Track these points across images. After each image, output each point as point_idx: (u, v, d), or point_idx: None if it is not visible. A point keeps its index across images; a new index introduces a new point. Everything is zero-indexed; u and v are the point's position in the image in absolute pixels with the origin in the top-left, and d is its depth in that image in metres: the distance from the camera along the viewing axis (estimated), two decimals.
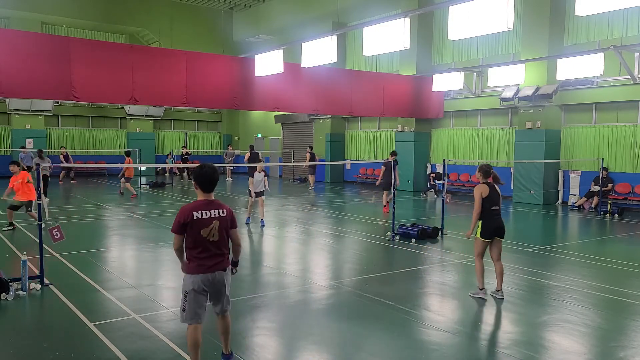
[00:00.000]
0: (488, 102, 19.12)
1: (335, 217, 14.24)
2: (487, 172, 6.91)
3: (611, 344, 5.29)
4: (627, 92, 15.33)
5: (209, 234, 4.18)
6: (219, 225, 4.22)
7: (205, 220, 4.17)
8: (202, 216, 4.17)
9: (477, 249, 6.81)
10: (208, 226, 4.17)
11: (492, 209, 6.76)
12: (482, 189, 6.79)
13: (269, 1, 26.96)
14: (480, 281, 6.74)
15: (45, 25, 26.73)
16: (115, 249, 9.95)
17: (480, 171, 6.95)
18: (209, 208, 4.23)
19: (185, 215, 4.15)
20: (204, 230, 4.16)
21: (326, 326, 5.79)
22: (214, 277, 4.24)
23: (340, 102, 18.41)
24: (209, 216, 4.19)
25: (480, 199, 6.73)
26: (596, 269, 8.53)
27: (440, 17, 20.55)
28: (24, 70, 12.62)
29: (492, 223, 6.74)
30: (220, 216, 4.24)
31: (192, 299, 4.20)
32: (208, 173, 4.25)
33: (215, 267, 4.24)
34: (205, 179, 4.25)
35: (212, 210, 4.22)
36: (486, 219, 6.74)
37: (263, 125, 31.06)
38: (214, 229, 4.19)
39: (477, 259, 6.79)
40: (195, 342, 4.26)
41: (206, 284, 4.22)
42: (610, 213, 14.47)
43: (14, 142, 25.51)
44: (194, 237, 4.16)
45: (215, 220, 4.21)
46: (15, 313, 6.08)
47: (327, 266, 8.84)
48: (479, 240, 6.76)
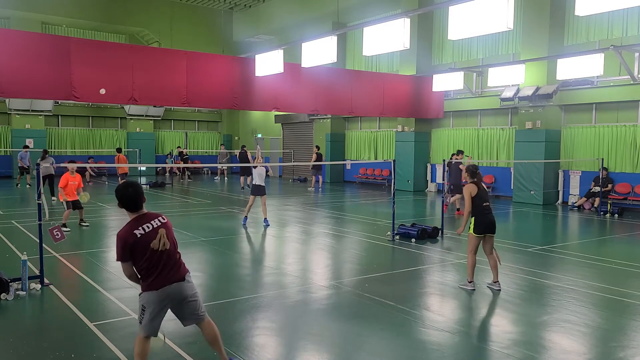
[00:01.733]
0: (488, 102, 19.12)
1: (335, 217, 14.24)
2: (473, 172, 7.23)
3: (611, 344, 5.29)
4: (627, 92, 15.34)
5: (160, 244, 4.00)
6: (166, 233, 4.06)
7: (150, 234, 3.99)
8: (146, 230, 3.98)
9: (470, 245, 7.14)
10: (156, 237, 4.00)
11: (484, 206, 7.05)
12: (471, 188, 7.09)
13: (269, 1, 26.96)
14: (471, 274, 7.11)
15: (45, 25, 26.73)
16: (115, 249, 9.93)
17: (467, 171, 7.29)
18: (147, 221, 4.03)
19: (127, 238, 3.94)
20: (154, 243, 3.98)
21: (326, 326, 5.79)
22: (172, 290, 4.07)
23: (340, 102, 18.41)
24: (152, 227, 4.01)
25: (470, 198, 7.04)
26: (596, 269, 8.53)
27: (440, 17, 20.55)
28: (24, 70, 12.62)
29: (485, 219, 7.05)
30: (162, 223, 4.08)
31: (149, 314, 4.07)
32: (130, 194, 4.03)
33: (173, 277, 4.07)
34: (129, 200, 4.04)
35: (152, 221, 4.05)
36: (478, 216, 7.04)
37: (263, 125, 31.07)
38: (162, 237, 4.02)
39: (470, 254, 7.13)
40: (144, 352, 4.15)
41: (165, 299, 4.07)
42: (610, 213, 14.47)
43: (14, 142, 25.51)
44: (144, 254, 3.96)
45: (160, 229, 4.04)
46: (15, 313, 6.08)
47: (327, 266, 8.84)
48: (473, 236, 7.08)
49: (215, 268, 8.53)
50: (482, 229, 7.01)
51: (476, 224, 7.02)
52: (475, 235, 7.03)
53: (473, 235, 7.05)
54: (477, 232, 7.02)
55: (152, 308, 4.04)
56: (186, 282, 4.14)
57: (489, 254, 7.17)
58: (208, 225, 12.18)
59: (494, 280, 7.11)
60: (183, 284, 4.11)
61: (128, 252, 3.96)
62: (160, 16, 28.07)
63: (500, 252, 9.80)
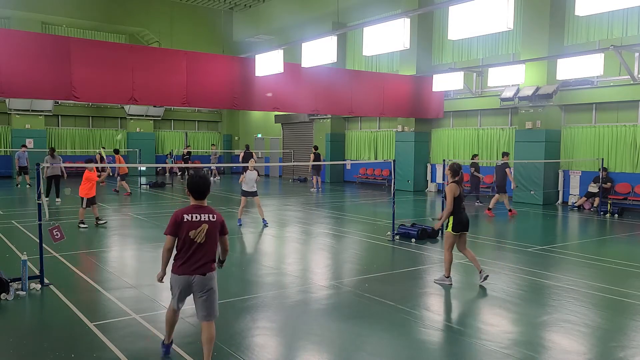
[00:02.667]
0: (488, 102, 19.12)
1: (335, 217, 14.24)
2: (456, 171, 7.33)
3: (611, 344, 5.29)
4: (627, 92, 15.34)
5: (197, 235, 4.35)
6: (208, 229, 4.39)
7: (194, 223, 4.36)
8: (192, 219, 4.37)
9: (448, 243, 7.34)
10: (197, 228, 4.35)
11: (462, 206, 7.25)
12: (455, 189, 7.22)
13: (269, 1, 26.96)
14: (448, 270, 7.30)
15: (45, 25, 26.73)
16: (115, 249, 9.95)
17: (450, 170, 7.35)
18: (199, 212, 4.41)
19: (177, 217, 4.37)
20: (193, 232, 4.34)
21: (326, 326, 5.79)
22: (193, 280, 4.39)
23: (340, 102, 18.41)
24: (199, 219, 4.38)
25: (452, 198, 7.17)
26: (596, 269, 8.53)
27: (440, 17, 20.55)
28: (24, 70, 12.63)
29: (462, 218, 7.25)
30: (209, 220, 4.42)
31: (176, 291, 4.50)
32: (199, 183, 4.45)
33: (197, 270, 4.38)
34: (196, 187, 4.45)
35: (203, 215, 4.41)
36: (457, 215, 7.21)
37: (263, 125, 31.07)
38: (202, 232, 4.36)
39: (447, 252, 7.32)
40: (170, 320, 4.74)
41: (186, 286, 4.42)
42: (610, 213, 14.47)
43: (14, 142, 25.50)
44: (182, 238, 4.35)
45: (204, 224, 4.38)
46: (15, 313, 6.08)
47: (327, 266, 8.84)
48: (451, 234, 7.27)
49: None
50: (460, 228, 7.23)
51: (455, 223, 7.21)
52: (453, 234, 7.24)
53: (451, 234, 7.26)
54: (455, 231, 7.23)
55: (174, 289, 4.50)
56: (206, 279, 4.41)
57: (464, 249, 7.39)
58: None
59: (479, 270, 7.30)
60: (201, 279, 4.40)
61: (174, 229, 4.37)
62: (160, 16, 28.07)
63: (501, 252, 9.85)
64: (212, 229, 4.42)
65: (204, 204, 4.48)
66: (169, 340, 4.85)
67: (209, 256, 4.44)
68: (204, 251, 4.39)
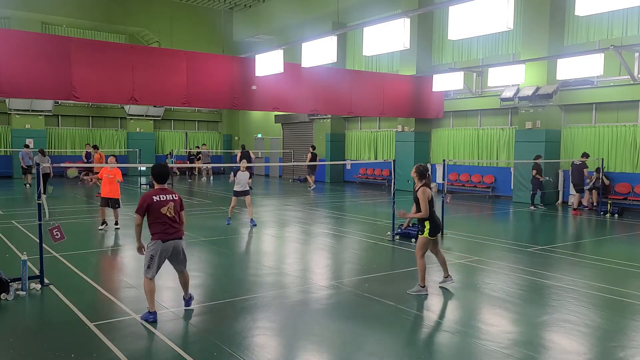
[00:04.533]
0: (488, 102, 19.12)
1: (335, 217, 14.24)
2: (423, 173, 7.03)
3: (611, 344, 5.29)
4: (627, 92, 15.34)
5: (167, 211, 5.70)
6: (173, 206, 5.77)
7: (163, 202, 5.73)
8: (160, 199, 5.73)
9: (422, 248, 6.97)
10: (166, 205, 5.72)
11: (434, 209, 6.98)
12: (427, 192, 6.92)
13: (269, 1, 26.96)
14: (422, 279, 6.90)
15: (45, 25, 26.72)
16: (116, 249, 9.94)
17: (416, 172, 7.05)
18: (164, 193, 5.80)
19: (145, 198, 5.69)
20: (164, 209, 5.70)
21: (326, 326, 5.79)
22: (175, 243, 5.78)
23: (340, 102, 18.41)
24: (166, 199, 5.76)
25: (426, 201, 6.87)
26: (596, 269, 8.53)
27: (440, 17, 20.55)
28: (24, 70, 12.62)
29: (437, 222, 7.00)
30: (173, 199, 5.81)
31: (156, 260, 5.70)
32: (160, 171, 5.88)
33: (174, 234, 5.76)
34: (158, 174, 5.86)
35: (167, 195, 5.80)
36: (432, 220, 6.92)
37: (263, 125, 31.07)
38: (170, 208, 5.73)
39: (420, 258, 6.94)
40: (152, 290, 5.73)
41: (168, 249, 5.74)
42: (610, 213, 14.47)
43: (14, 142, 25.51)
44: (155, 214, 5.67)
45: (170, 202, 5.77)
46: (15, 313, 6.08)
47: (327, 266, 8.84)
48: (427, 239, 6.94)
49: (215, 268, 8.53)
50: (435, 232, 6.93)
51: (432, 227, 6.87)
52: (430, 238, 6.90)
53: (428, 239, 6.90)
54: (432, 235, 6.90)
55: (155, 256, 5.69)
56: (182, 241, 5.90)
57: (437, 252, 7.12)
58: (208, 225, 12.17)
59: (445, 275, 7.09)
60: (180, 242, 5.86)
61: (143, 209, 5.68)
62: (160, 16, 28.06)
63: (501, 252, 9.85)
64: (176, 205, 5.80)
65: (165, 187, 5.86)
66: (153, 308, 5.72)
67: (180, 225, 5.86)
68: (174, 221, 5.76)
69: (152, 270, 5.69)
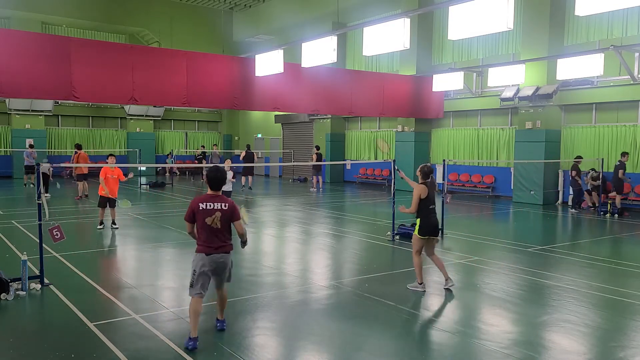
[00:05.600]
0: (488, 102, 19.12)
1: (335, 217, 14.24)
2: (427, 173, 7.16)
3: (611, 344, 5.29)
4: (627, 92, 15.33)
5: (212, 221, 5.02)
6: (220, 216, 5.04)
7: (209, 211, 5.04)
8: (207, 207, 5.04)
9: (415, 246, 7.10)
10: (211, 215, 5.03)
11: (430, 208, 7.03)
12: (422, 190, 7.04)
13: (269, 1, 26.96)
14: (419, 276, 7.00)
15: (45, 25, 26.72)
16: (116, 249, 9.94)
17: (420, 172, 7.20)
18: (214, 201, 5.08)
19: (193, 205, 5.10)
20: (209, 219, 5.02)
21: (326, 326, 5.79)
22: (219, 258, 5.08)
23: (340, 102, 18.40)
24: (213, 207, 5.05)
25: (418, 199, 6.98)
26: (596, 269, 8.53)
27: (440, 17, 20.55)
28: (24, 70, 12.61)
29: (430, 222, 7.00)
30: (221, 209, 5.07)
31: (198, 276, 5.04)
32: (216, 176, 5.15)
33: (218, 249, 5.07)
34: (213, 180, 5.15)
35: (216, 203, 5.06)
36: (424, 218, 6.99)
37: (263, 125, 31.07)
38: (216, 219, 5.03)
39: (415, 256, 7.08)
40: (197, 311, 5.05)
41: (211, 263, 5.05)
42: (610, 213, 14.46)
43: (14, 142, 25.51)
44: (200, 223, 5.05)
45: (217, 212, 5.04)
46: (15, 313, 6.08)
47: (327, 266, 8.84)
48: (418, 238, 7.04)
49: None
50: (426, 232, 6.96)
51: (421, 226, 6.96)
52: (420, 237, 6.98)
53: (418, 237, 7.00)
54: (421, 234, 6.97)
55: (198, 269, 5.05)
56: (228, 255, 5.16)
57: (432, 255, 7.13)
58: None
59: (446, 278, 7.05)
60: (226, 257, 5.14)
61: (190, 215, 5.11)
62: (160, 16, 28.06)
63: (501, 252, 9.84)
64: (224, 216, 5.06)
65: (218, 194, 5.14)
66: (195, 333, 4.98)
67: (228, 238, 5.14)
68: (222, 234, 5.07)
69: (196, 287, 5.04)
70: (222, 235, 5.07)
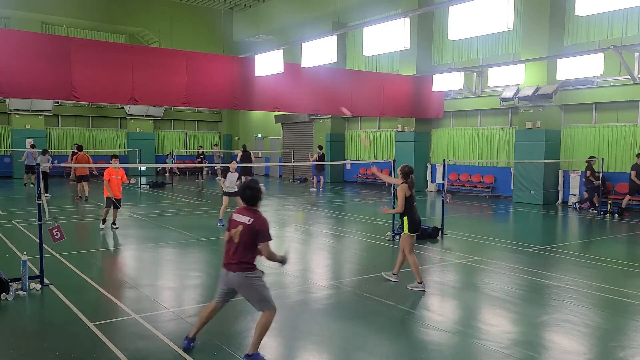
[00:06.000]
0: (488, 102, 19.12)
1: (335, 217, 14.24)
2: (406, 173, 7.34)
3: (611, 344, 5.30)
4: (627, 92, 15.33)
5: (234, 234, 4.66)
6: (241, 231, 4.61)
7: (235, 223, 4.71)
8: (235, 219, 4.73)
9: (407, 245, 7.18)
10: (235, 227, 4.67)
11: (414, 205, 7.20)
12: (405, 189, 7.19)
13: (269, 1, 26.96)
14: (418, 275, 7.05)
15: (45, 25, 26.72)
16: (116, 249, 9.94)
17: (401, 171, 7.37)
18: (243, 214, 4.71)
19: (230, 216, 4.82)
20: (232, 231, 4.69)
21: (326, 326, 5.79)
22: (227, 275, 4.70)
23: (340, 102, 18.36)
24: (238, 220, 4.69)
25: (404, 198, 7.13)
26: (596, 269, 8.53)
27: (440, 17, 20.55)
28: (24, 70, 12.61)
29: (415, 219, 7.19)
30: (245, 223, 4.62)
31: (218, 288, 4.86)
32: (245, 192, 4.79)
33: (229, 266, 4.69)
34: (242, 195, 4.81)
35: (243, 217, 4.68)
36: (410, 215, 7.14)
37: (263, 125, 31.07)
38: (237, 232, 4.64)
39: (410, 255, 7.15)
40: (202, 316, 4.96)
41: (223, 278, 4.77)
42: (610, 213, 14.46)
43: (14, 142, 25.51)
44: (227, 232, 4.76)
45: (240, 225, 4.64)
46: (15, 313, 6.08)
47: (327, 266, 8.84)
48: (408, 235, 7.15)
49: (215, 268, 8.50)
50: (415, 228, 7.14)
51: (410, 223, 7.12)
52: (410, 235, 7.13)
53: (408, 235, 7.14)
54: (411, 231, 7.13)
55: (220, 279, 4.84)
56: (237, 275, 4.67)
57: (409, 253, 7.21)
58: (208, 225, 12.17)
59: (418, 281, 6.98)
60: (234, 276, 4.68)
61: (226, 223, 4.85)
62: (160, 16, 28.06)
63: (501, 252, 9.85)
64: (245, 232, 4.61)
65: (250, 208, 4.74)
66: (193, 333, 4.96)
67: (242, 257, 4.63)
68: (238, 251, 4.63)
69: (216, 292, 4.93)
70: (238, 251, 4.63)
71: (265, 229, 4.64)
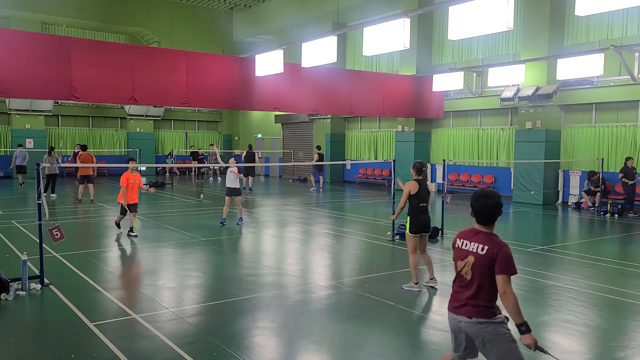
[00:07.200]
0: (488, 102, 19.12)
1: (335, 217, 14.24)
2: (419, 169, 7.25)
3: (611, 344, 5.30)
4: (627, 92, 15.33)
5: (463, 267, 3.53)
6: (473, 263, 3.47)
7: (462, 252, 3.56)
8: (461, 246, 3.58)
9: (410, 245, 7.11)
10: (464, 260, 3.53)
11: (420, 206, 7.06)
12: (412, 186, 7.10)
13: (269, 1, 26.96)
14: (415, 276, 7.03)
15: (45, 25, 26.72)
16: (115, 249, 9.94)
17: (413, 168, 7.30)
18: (472, 240, 3.53)
19: (455, 239, 3.68)
20: (460, 263, 3.56)
21: (326, 326, 5.79)
22: (457, 321, 3.53)
23: (340, 102, 18.40)
24: (467, 248, 3.53)
25: (407, 194, 7.05)
26: (596, 269, 8.53)
27: (440, 17, 20.55)
28: (24, 70, 12.62)
29: (419, 219, 7.05)
30: (476, 252, 3.46)
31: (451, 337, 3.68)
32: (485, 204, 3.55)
33: (459, 309, 3.52)
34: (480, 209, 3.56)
35: (474, 243, 3.50)
36: (414, 215, 7.04)
37: (263, 125, 31.07)
38: (468, 265, 3.49)
39: (411, 255, 7.08)
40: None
41: (455, 327, 3.59)
42: (610, 213, 14.46)
43: (14, 142, 25.49)
44: (455, 265, 3.64)
45: (470, 255, 3.49)
46: (15, 313, 6.08)
47: (327, 266, 8.84)
48: (410, 236, 7.07)
49: (215, 268, 8.53)
50: (417, 229, 7.01)
51: (411, 223, 7.01)
52: (412, 235, 7.03)
53: (410, 235, 7.05)
54: (412, 232, 7.02)
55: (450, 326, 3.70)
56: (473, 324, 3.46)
57: (423, 252, 7.19)
58: (208, 225, 12.17)
59: (430, 277, 7.15)
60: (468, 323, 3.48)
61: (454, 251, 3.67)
62: (160, 16, 28.06)
63: None
64: (478, 264, 3.43)
65: (483, 230, 3.52)
66: None
67: (476, 297, 3.44)
68: (469, 289, 3.47)
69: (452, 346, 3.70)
70: (471, 290, 3.45)
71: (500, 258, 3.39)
